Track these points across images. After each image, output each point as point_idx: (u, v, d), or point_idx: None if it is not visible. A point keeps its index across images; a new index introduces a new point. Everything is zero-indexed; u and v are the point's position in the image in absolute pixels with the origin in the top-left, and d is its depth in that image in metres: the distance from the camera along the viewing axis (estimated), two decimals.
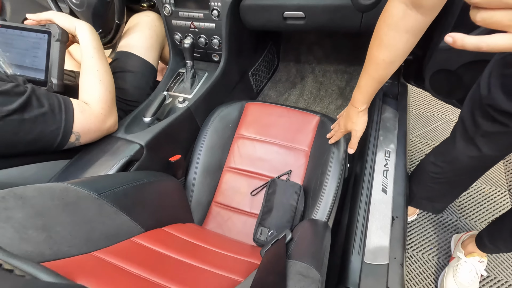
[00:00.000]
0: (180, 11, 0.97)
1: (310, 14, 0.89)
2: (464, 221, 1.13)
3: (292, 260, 0.45)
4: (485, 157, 0.68)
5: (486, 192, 1.18)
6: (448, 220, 1.14)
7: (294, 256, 0.47)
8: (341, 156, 0.82)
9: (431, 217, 1.15)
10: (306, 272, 0.41)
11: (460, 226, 1.12)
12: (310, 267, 0.43)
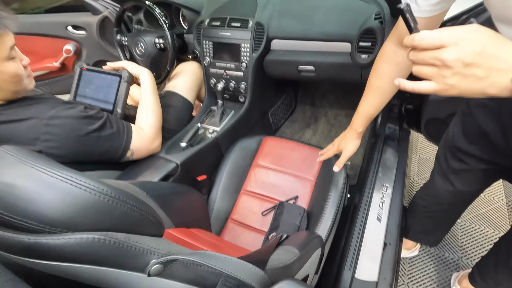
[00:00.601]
0: (217, 62, 1.22)
1: (319, 68, 1.10)
2: (466, 261, 1.17)
3: (281, 246, 0.59)
4: (460, 192, 0.80)
5: (489, 235, 1.23)
6: (450, 259, 1.18)
7: (284, 244, 0.61)
8: (340, 187, 0.97)
9: (433, 254, 1.21)
10: (289, 248, 0.55)
11: (461, 265, 1.16)
12: (293, 247, 0.57)
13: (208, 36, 1.20)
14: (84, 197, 0.27)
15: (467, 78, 0.35)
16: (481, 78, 0.35)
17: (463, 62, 0.34)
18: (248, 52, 1.15)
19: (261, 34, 1.13)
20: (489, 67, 0.34)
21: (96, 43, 1.53)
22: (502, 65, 0.33)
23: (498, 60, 0.34)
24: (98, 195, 0.27)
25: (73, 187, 0.26)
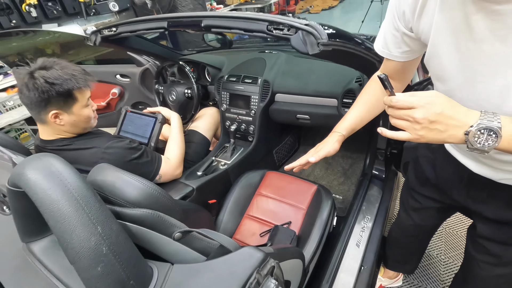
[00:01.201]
0: (232, 109, 1.52)
1: (313, 117, 1.36)
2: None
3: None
4: (420, 226, 0.97)
5: None
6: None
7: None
8: (325, 216, 1.16)
9: (416, 287, 1.32)
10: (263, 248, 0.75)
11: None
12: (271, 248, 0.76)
13: (226, 88, 1.51)
14: (145, 191, 0.51)
15: (432, 131, 0.48)
16: (442, 131, 0.47)
17: (429, 120, 0.47)
18: (256, 102, 1.44)
19: (267, 88, 1.42)
20: (447, 124, 0.47)
21: (136, 88, 1.89)
22: (456, 123, 0.46)
23: (453, 119, 0.46)
24: (152, 190, 0.51)
25: (141, 185, 0.51)
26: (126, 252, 0.41)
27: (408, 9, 0.57)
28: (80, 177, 0.42)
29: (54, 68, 0.90)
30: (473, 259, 0.83)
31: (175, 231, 0.52)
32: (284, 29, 0.78)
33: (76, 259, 0.38)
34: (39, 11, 3.30)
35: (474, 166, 0.67)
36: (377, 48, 0.71)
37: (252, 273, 0.44)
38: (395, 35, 0.64)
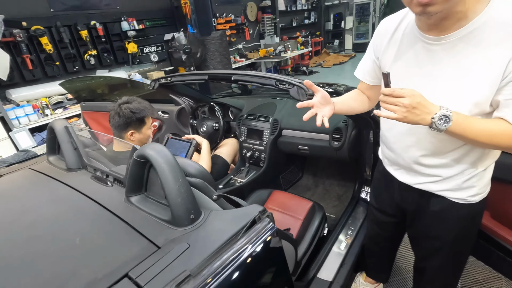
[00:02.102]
0: (248, 140, 1.94)
1: (311, 148, 1.75)
2: None
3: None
4: (382, 235, 1.28)
5: None
6: None
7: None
8: (316, 225, 1.47)
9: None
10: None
11: None
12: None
13: (244, 124, 1.95)
14: (198, 169, 0.91)
15: (412, 114, 0.70)
16: (418, 115, 0.70)
17: (412, 106, 0.69)
18: (268, 135, 1.86)
19: (276, 125, 1.85)
20: (422, 111, 0.70)
21: (173, 122, 2.37)
22: (427, 111, 0.70)
23: (426, 108, 0.70)
24: (202, 169, 0.91)
25: (196, 165, 0.90)
26: (191, 196, 0.79)
27: (380, 43, 0.91)
28: (172, 155, 0.82)
29: (134, 102, 1.37)
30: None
31: (212, 195, 0.90)
32: (285, 84, 1.22)
33: (168, 192, 0.76)
34: (96, 59, 4.06)
35: (399, 175, 1.02)
36: (356, 73, 1.06)
37: (257, 214, 0.80)
38: (368, 64, 0.99)
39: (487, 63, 0.69)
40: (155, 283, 0.60)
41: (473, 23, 0.69)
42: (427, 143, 0.88)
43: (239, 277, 0.67)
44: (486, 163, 0.88)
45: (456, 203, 0.93)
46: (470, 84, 0.73)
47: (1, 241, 0.79)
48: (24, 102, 3.23)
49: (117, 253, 0.71)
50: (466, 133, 0.72)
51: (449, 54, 0.75)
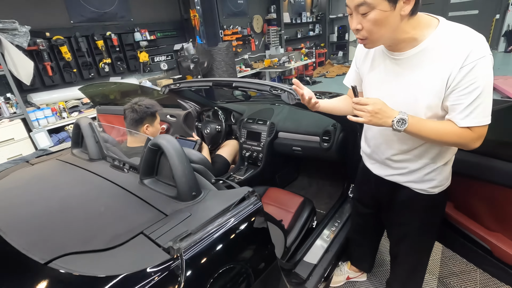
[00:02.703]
0: (247, 141, 2.13)
1: (303, 149, 1.93)
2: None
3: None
4: (364, 226, 1.44)
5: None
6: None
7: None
8: (304, 217, 1.64)
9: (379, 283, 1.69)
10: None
11: None
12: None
13: (244, 127, 2.15)
14: (200, 157, 1.09)
15: (375, 118, 0.86)
16: (380, 118, 0.86)
17: (374, 111, 0.86)
18: (265, 137, 2.05)
19: (273, 128, 2.04)
20: (383, 115, 0.86)
21: (180, 125, 2.58)
22: (388, 115, 0.86)
23: (387, 113, 0.86)
24: (203, 157, 1.09)
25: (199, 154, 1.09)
26: (193, 177, 0.98)
27: (359, 56, 1.11)
28: (179, 144, 1.01)
29: (145, 100, 1.58)
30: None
31: (211, 179, 1.09)
32: (278, 90, 1.41)
33: (175, 173, 0.95)
34: (110, 67, 4.34)
35: (373, 168, 1.20)
36: (344, 81, 1.23)
37: (246, 193, 0.98)
38: (353, 73, 1.17)
39: (434, 76, 0.87)
40: (164, 238, 0.78)
41: (422, 44, 0.88)
42: (393, 142, 1.06)
43: (228, 238, 0.85)
44: (445, 159, 1.04)
45: (419, 193, 1.10)
46: (422, 92, 0.91)
47: (41, 210, 0.98)
48: (44, 105, 3.50)
49: (133, 218, 0.90)
50: (421, 132, 0.90)
51: (407, 67, 0.93)
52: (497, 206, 1.16)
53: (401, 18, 0.82)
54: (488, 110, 0.85)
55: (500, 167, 1.12)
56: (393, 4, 0.79)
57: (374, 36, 0.85)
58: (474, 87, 0.81)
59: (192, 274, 0.72)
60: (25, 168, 1.38)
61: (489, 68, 0.81)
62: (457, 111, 0.86)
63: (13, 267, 0.74)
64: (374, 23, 0.82)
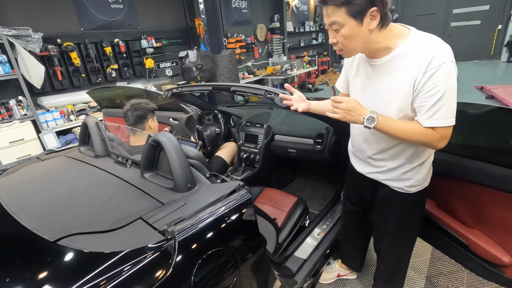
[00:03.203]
0: (245, 143, 2.22)
1: (298, 151, 2.02)
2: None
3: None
4: (352, 224, 1.51)
5: (409, 276, 1.74)
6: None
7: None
8: (297, 216, 1.72)
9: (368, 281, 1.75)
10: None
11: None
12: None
13: (243, 130, 2.24)
14: (196, 153, 1.19)
15: (348, 115, 0.98)
16: (353, 115, 0.97)
17: (348, 108, 0.97)
18: (261, 140, 2.14)
19: (269, 131, 2.13)
20: (355, 113, 0.97)
21: (182, 128, 2.69)
22: (360, 113, 0.97)
23: (359, 111, 0.97)
24: (199, 153, 1.19)
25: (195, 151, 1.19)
26: (189, 171, 1.07)
27: (347, 63, 1.20)
28: (177, 141, 1.11)
29: (142, 99, 1.70)
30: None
31: (206, 174, 1.18)
32: (272, 94, 1.51)
33: (173, 166, 1.04)
34: (117, 73, 4.50)
35: (357, 165, 1.28)
36: (336, 84, 1.33)
37: (237, 185, 1.07)
38: (343, 78, 1.26)
39: (403, 80, 0.97)
40: (160, 222, 0.87)
41: (394, 52, 0.98)
42: (372, 141, 1.16)
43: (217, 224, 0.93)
44: (420, 160, 1.12)
45: (397, 191, 1.18)
46: (394, 94, 1.00)
47: (50, 198, 1.08)
48: (53, 108, 3.64)
49: (133, 206, 0.99)
50: (388, 130, 0.99)
51: (382, 73, 1.03)
52: (473, 203, 1.23)
53: (369, 31, 0.92)
54: (451, 113, 0.93)
55: (475, 167, 1.20)
56: (360, 21, 0.90)
57: (348, 48, 0.98)
58: (436, 90, 0.90)
59: (184, 253, 0.81)
60: (36, 163, 1.49)
61: (450, 73, 0.90)
62: (422, 112, 0.94)
63: (26, 244, 0.84)
64: (346, 37, 0.94)
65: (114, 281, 0.70)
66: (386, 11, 0.91)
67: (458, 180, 1.27)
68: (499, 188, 1.13)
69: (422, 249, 1.96)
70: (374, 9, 0.88)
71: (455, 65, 0.92)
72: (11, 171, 1.41)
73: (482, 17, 9.73)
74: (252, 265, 1.05)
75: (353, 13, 0.88)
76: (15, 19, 3.44)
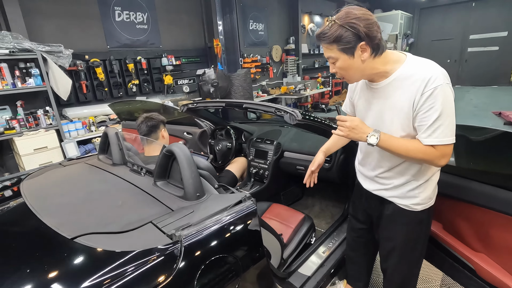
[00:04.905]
0: (255, 159, 2.28)
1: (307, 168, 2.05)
2: None
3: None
4: (358, 241, 1.51)
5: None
6: None
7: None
8: (303, 232, 1.73)
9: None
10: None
11: None
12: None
13: (253, 146, 2.31)
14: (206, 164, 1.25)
15: (352, 132, 1.05)
16: (357, 133, 1.04)
17: (351, 127, 1.04)
18: (271, 156, 2.19)
19: (279, 148, 2.19)
20: (359, 131, 1.04)
21: (195, 142, 2.79)
22: (363, 131, 1.04)
23: (362, 129, 1.04)
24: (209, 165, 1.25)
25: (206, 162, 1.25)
26: (199, 181, 1.13)
27: (351, 87, 1.27)
28: (189, 152, 1.18)
29: (153, 112, 1.81)
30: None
31: (215, 184, 1.24)
32: (282, 112, 1.58)
33: (184, 175, 1.11)
34: (137, 88, 4.72)
35: (364, 183, 1.31)
36: (343, 107, 1.41)
37: (243, 196, 1.12)
38: (348, 101, 1.34)
39: (403, 101, 1.02)
40: (168, 227, 0.93)
41: (392, 76, 1.05)
42: (378, 160, 1.20)
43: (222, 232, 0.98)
44: (426, 177, 1.15)
45: (403, 209, 1.20)
46: (395, 114, 1.06)
47: (70, 199, 1.17)
48: (76, 119, 3.85)
49: (145, 211, 1.05)
50: (391, 148, 1.04)
51: (383, 95, 1.09)
52: (480, 227, 1.22)
53: (362, 62, 1.00)
54: (449, 131, 0.97)
55: (484, 190, 1.20)
56: (351, 55, 0.99)
57: (347, 77, 1.08)
58: (434, 110, 0.96)
59: (189, 257, 0.86)
60: (58, 168, 1.60)
61: (446, 94, 0.96)
62: (421, 131, 1.00)
63: (46, 240, 0.91)
64: (341, 69, 1.04)
65: (123, 278, 0.75)
66: (376, 42, 0.98)
67: (466, 203, 1.27)
68: (508, 213, 1.12)
69: (432, 275, 1.90)
70: (363, 43, 0.96)
71: (451, 87, 0.98)
72: (35, 174, 1.52)
73: (500, 43, 9.66)
74: (254, 275, 1.08)
75: (343, 49, 0.98)
76: (50, 36, 3.73)
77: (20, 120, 3.29)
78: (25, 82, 3.28)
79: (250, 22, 6.68)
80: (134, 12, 4.62)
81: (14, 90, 3.19)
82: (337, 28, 0.95)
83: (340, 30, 0.95)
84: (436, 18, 10.69)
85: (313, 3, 8.58)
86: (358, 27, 0.94)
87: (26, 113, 3.38)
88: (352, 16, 0.95)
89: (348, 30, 0.94)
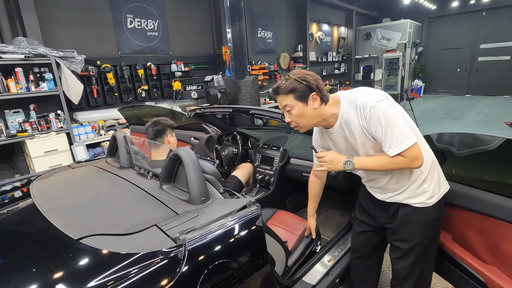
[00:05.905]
0: (261, 165, 2.28)
1: None
2: None
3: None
4: (363, 245, 1.48)
5: None
6: None
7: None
8: (309, 240, 1.71)
9: None
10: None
11: None
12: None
13: (259, 152, 2.31)
14: (212, 169, 1.26)
15: (332, 164, 1.21)
16: (335, 164, 1.20)
17: (330, 160, 1.21)
18: (277, 162, 2.19)
19: (285, 154, 2.18)
20: (336, 162, 1.20)
21: (201, 147, 2.81)
22: (339, 161, 1.19)
23: (338, 160, 1.19)
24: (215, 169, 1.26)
25: (212, 167, 1.26)
26: (204, 185, 1.14)
27: (315, 138, 1.38)
28: (195, 156, 1.19)
29: (163, 117, 1.82)
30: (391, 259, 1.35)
31: (220, 189, 1.24)
32: None
33: (189, 179, 1.11)
34: (146, 93, 4.80)
35: (376, 194, 1.30)
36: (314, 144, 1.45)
37: (248, 202, 1.11)
38: (319, 147, 1.42)
39: (357, 131, 1.16)
40: (173, 230, 0.93)
41: (339, 117, 1.19)
42: (379, 174, 1.26)
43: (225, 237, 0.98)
44: (426, 168, 1.21)
45: (418, 207, 1.23)
46: (360, 142, 1.19)
47: (77, 201, 1.18)
48: (86, 123, 3.93)
49: (150, 214, 1.06)
50: (367, 167, 1.18)
51: (341, 134, 1.23)
52: (491, 239, 1.18)
53: (314, 109, 1.16)
54: (402, 137, 1.07)
55: (494, 201, 1.17)
56: (305, 103, 1.14)
57: (301, 124, 1.20)
58: (380, 127, 1.09)
59: (192, 261, 0.85)
60: (67, 171, 1.63)
61: (382, 110, 1.08)
62: (383, 145, 1.12)
63: (53, 240, 0.92)
64: (297, 116, 1.17)
65: (126, 280, 0.75)
66: (323, 93, 1.16)
67: (476, 213, 1.24)
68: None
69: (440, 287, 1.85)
70: (314, 93, 1.13)
71: (383, 102, 1.10)
72: (44, 176, 1.54)
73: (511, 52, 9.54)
74: (257, 282, 1.07)
75: (298, 97, 1.14)
76: (63, 42, 3.84)
77: (32, 123, 3.36)
78: (39, 86, 3.37)
79: (259, 30, 6.76)
80: (146, 19, 4.73)
81: (28, 93, 3.28)
82: (293, 81, 1.13)
83: (295, 83, 1.12)
84: (446, 27, 10.63)
85: (322, 11, 8.65)
86: (310, 80, 1.12)
87: (38, 116, 3.46)
88: (304, 72, 1.15)
89: (301, 82, 1.12)
